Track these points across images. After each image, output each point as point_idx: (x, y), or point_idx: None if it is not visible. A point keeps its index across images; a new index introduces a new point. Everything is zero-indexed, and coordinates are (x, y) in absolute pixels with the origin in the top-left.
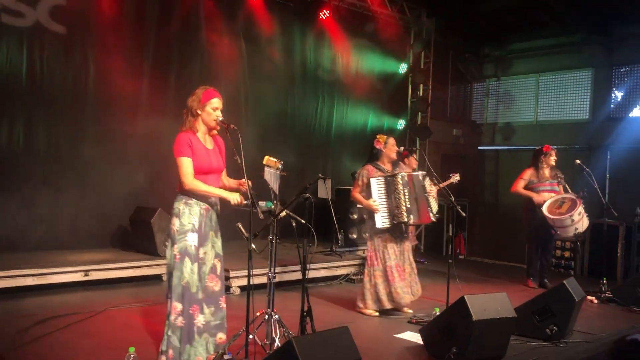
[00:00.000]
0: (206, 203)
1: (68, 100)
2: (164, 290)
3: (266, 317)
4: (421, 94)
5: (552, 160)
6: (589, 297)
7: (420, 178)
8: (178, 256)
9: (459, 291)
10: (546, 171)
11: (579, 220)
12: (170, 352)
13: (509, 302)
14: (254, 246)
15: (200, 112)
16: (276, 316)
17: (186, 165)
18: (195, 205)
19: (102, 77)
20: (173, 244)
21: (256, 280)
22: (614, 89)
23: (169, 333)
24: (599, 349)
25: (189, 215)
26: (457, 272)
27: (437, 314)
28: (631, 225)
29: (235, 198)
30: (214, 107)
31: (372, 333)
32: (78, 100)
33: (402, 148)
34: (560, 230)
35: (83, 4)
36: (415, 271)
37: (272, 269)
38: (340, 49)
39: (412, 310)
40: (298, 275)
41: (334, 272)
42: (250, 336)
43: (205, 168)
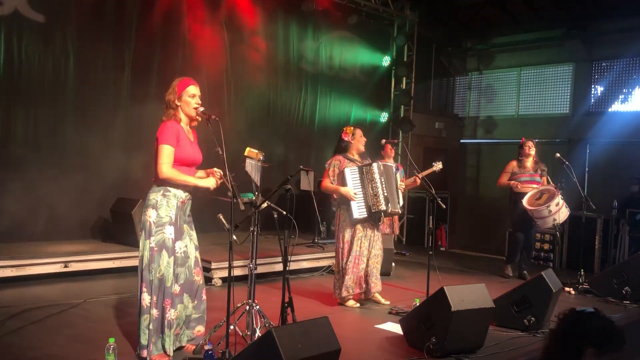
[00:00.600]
0: (183, 195)
1: (47, 89)
2: None
3: (247, 308)
4: (404, 87)
5: (528, 149)
6: (567, 289)
7: (394, 170)
8: (155, 249)
9: (439, 282)
10: (528, 163)
11: (557, 211)
12: (143, 343)
13: (488, 293)
14: (235, 237)
15: (179, 103)
16: (257, 307)
17: (167, 154)
18: (172, 198)
19: (83, 67)
20: (149, 236)
21: (237, 271)
22: (593, 83)
23: (144, 326)
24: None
25: (167, 208)
26: (438, 264)
27: (417, 304)
28: (609, 218)
29: (212, 183)
30: (191, 95)
31: (353, 323)
32: (58, 90)
33: (384, 141)
34: (539, 221)
35: None
36: (379, 266)
37: (254, 260)
38: (323, 40)
39: (393, 301)
40: (280, 266)
41: (316, 264)
42: (231, 327)
43: (189, 160)
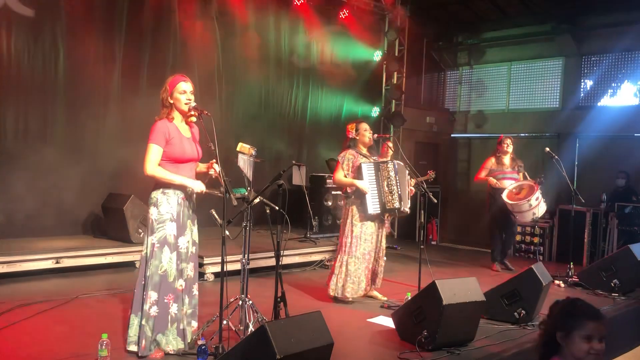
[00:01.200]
0: (183, 193)
1: (37, 84)
2: (136, 277)
3: (240, 303)
4: (395, 82)
5: (506, 147)
6: (556, 282)
7: (406, 170)
8: (157, 245)
9: (430, 276)
10: (506, 160)
11: (536, 206)
12: (143, 342)
13: (479, 287)
14: (227, 233)
15: (171, 101)
16: (250, 302)
17: (153, 153)
18: (172, 195)
19: (73, 62)
20: (151, 233)
21: (230, 266)
22: (583, 78)
23: (143, 322)
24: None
25: (167, 205)
26: (429, 258)
27: (409, 298)
28: (597, 212)
29: (200, 187)
30: (181, 91)
31: (345, 318)
32: (47, 85)
33: (376, 135)
34: (518, 215)
35: None
36: (383, 263)
37: (246, 255)
38: (314, 35)
39: (385, 295)
40: (272, 261)
41: (308, 259)
42: (224, 322)
43: (179, 157)
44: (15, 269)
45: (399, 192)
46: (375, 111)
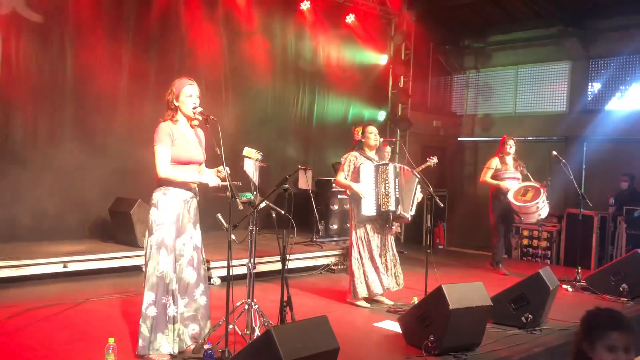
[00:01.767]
0: (185, 194)
1: (45, 89)
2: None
3: (246, 307)
4: (402, 86)
5: (509, 147)
6: (564, 286)
7: (417, 180)
8: (155, 246)
9: (437, 281)
10: (509, 161)
11: (542, 208)
12: (141, 342)
13: (485, 291)
14: (233, 237)
15: (177, 103)
16: (256, 306)
17: (162, 154)
18: (174, 196)
19: (80, 67)
20: (150, 234)
21: (236, 270)
22: (590, 81)
23: (140, 322)
24: (572, 336)
25: (168, 206)
26: (436, 262)
27: (416, 303)
28: (605, 216)
29: (215, 181)
30: (188, 95)
31: (351, 322)
32: (56, 90)
33: (382, 140)
34: (524, 216)
35: None
36: (399, 261)
37: (252, 259)
38: (321, 40)
39: (391, 299)
40: (278, 265)
41: (314, 262)
42: (230, 326)
43: (185, 159)
44: (23, 272)
45: (397, 196)
46: (382, 115)
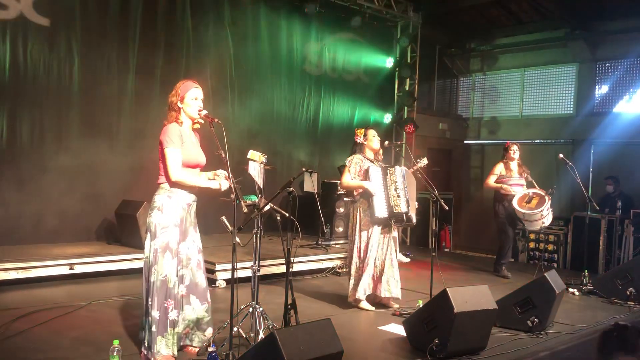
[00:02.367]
0: (189, 197)
1: (53, 92)
2: None
3: (250, 310)
4: (407, 88)
5: (513, 153)
6: (570, 289)
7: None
8: (159, 250)
9: (442, 284)
10: (514, 166)
11: (546, 215)
12: (145, 344)
13: (490, 295)
14: (238, 239)
15: (181, 106)
16: (260, 309)
17: (176, 157)
18: (179, 199)
19: (87, 70)
20: (153, 238)
21: (241, 273)
22: (597, 84)
23: (141, 325)
24: (578, 340)
25: (172, 210)
26: (442, 265)
27: (421, 306)
28: (613, 219)
29: (225, 184)
30: (193, 98)
31: (356, 325)
32: (63, 93)
33: (387, 142)
34: (528, 223)
35: None
36: (397, 268)
37: (257, 262)
38: (327, 43)
39: (396, 302)
40: (283, 268)
41: (319, 265)
42: (235, 329)
43: (193, 162)
44: (30, 274)
45: (407, 197)
46: (388, 118)
